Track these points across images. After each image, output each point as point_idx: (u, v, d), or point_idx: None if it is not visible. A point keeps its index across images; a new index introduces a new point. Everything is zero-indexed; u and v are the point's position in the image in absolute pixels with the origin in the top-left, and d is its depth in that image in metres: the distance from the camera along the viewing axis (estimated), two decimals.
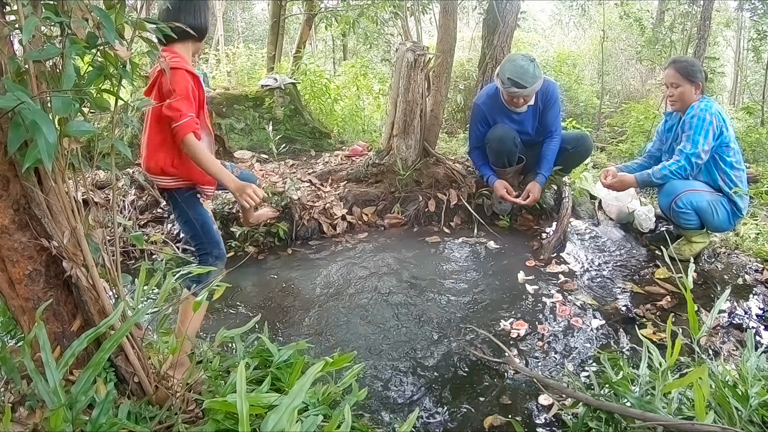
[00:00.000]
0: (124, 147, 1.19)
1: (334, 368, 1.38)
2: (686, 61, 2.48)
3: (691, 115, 2.39)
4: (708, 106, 2.38)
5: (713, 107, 2.38)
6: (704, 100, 2.43)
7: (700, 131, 2.35)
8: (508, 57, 2.80)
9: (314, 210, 3.14)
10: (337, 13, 5.66)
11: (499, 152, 2.92)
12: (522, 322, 2.10)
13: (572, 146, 2.99)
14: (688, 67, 2.43)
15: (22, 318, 1.19)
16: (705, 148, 2.35)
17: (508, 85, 2.68)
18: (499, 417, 1.57)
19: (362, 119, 5.70)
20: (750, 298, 2.27)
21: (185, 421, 1.21)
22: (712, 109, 2.37)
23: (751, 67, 11.33)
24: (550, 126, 2.95)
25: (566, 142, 3.00)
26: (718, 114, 2.37)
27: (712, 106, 2.39)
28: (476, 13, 6.80)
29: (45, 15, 0.98)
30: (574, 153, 3.01)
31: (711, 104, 2.40)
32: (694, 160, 2.37)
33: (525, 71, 2.63)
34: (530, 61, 2.67)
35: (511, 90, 2.68)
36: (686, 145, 2.39)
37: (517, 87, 2.66)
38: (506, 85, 2.68)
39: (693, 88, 2.42)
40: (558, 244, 2.81)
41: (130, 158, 1.59)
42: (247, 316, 2.19)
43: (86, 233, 1.17)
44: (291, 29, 9.78)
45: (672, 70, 2.46)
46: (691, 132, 2.37)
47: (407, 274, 2.56)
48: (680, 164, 2.41)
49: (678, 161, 2.42)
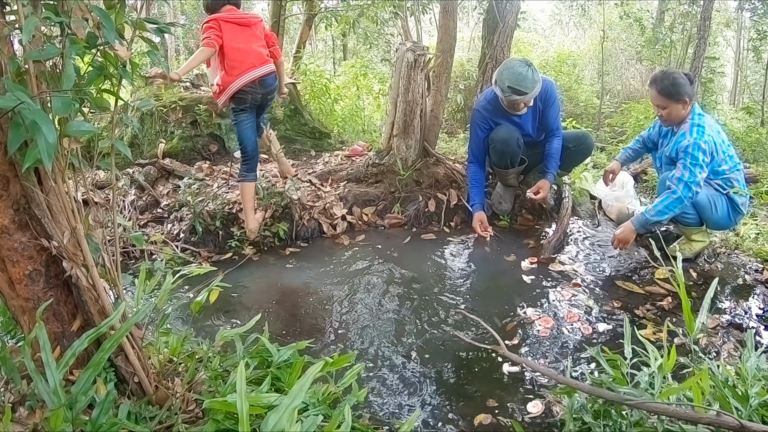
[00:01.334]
0: (124, 147, 1.19)
1: (334, 368, 1.38)
2: (668, 80, 2.33)
3: (684, 146, 2.30)
4: (700, 131, 2.29)
5: (705, 131, 2.30)
6: (694, 117, 2.35)
7: (696, 162, 2.27)
8: (505, 64, 2.77)
9: (314, 210, 3.14)
10: (337, 13, 5.66)
11: (503, 153, 2.92)
12: (521, 322, 2.10)
13: (573, 144, 2.99)
14: (671, 87, 2.32)
15: (22, 318, 1.19)
16: (702, 175, 2.30)
17: (508, 93, 2.66)
18: (491, 416, 1.57)
19: (362, 119, 5.70)
20: (750, 298, 2.27)
21: (185, 421, 1.21)
22: (704, 135, 2.28)
23: (751, 67, 11.32)
24: (550, 125, 2.95)
25: (568, 141, 3.00)
26: (710, 139, 2.29)
27: (704, 130, 2.30)
28: (476, 13, 6.80)
29: (45, 15, 0.98)
30: (575, 151, 3.01)
31: (703, 128, 2.31)
32: (695, 189, 2.30)
33: (524, 77, 2.63)
34: (527, 65, 2.66)
35: (511, 98, 2.67)
36: (684, 173, 2.30)
37: (518, 94, 2.65)
38: (506, 93, 2.67)
39: (680, 106, 2.34)
40: (558, 244, 2.81)
41: (130, 158, 1.59)
42: (247, 316, 2.19)
43: (86, 233, 1.17)
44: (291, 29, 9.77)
45: (655, 92, 2.36)
46: (687, 161, 2.29)
47: (407, 274, 2.57)
48: (676, 195, 2.30)
49: (675, 191, 2.31)
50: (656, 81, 2.37)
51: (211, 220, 2.93)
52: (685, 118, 2.37)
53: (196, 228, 2.89)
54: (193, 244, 2.93)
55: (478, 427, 1.54)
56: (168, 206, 3.18)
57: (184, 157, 4.04)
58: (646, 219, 2.38)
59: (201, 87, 4.81)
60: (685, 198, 2.31)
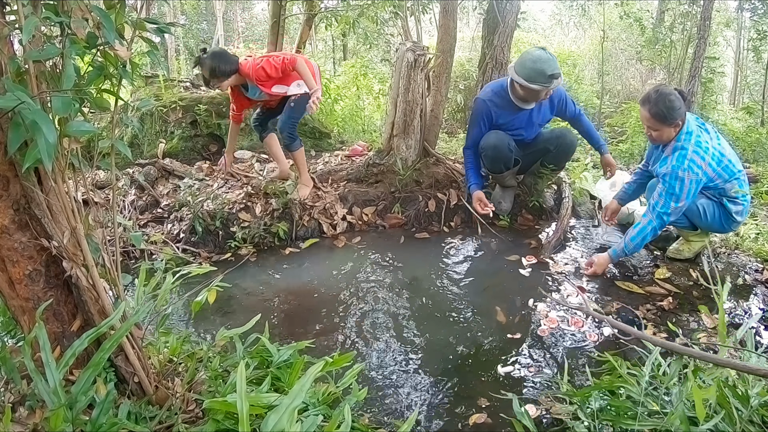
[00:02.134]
0: (124, 147, 1.19)
1: (334, 368, 1.38)
2: (663, 104, 2.22)
3: (663, 174, 2.27)
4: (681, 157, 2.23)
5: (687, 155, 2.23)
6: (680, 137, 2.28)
7: (672, 192, 2.26)
8: (525, 54, 2.69)
9: (314, 210, 3.14)
10: (337, 13, 5.65)
11: (495, 159, 2.91)
12: (523, 321, 2.10)
13: (554, 146, 2.97)
14: (665, 111, 2.22)
15: (22, 318, 1.19)
16: (679, 204, 2.28)
17: (546, 82, 2.61)
18: (488, 416, 1.57)
19: (362, 119, 5.70)
20: (750, 298, 2.27)
21: (185, 421, 1.21)
22: (684, 162, 2.22)
23: (751, 67, 11.32)
24: (573, 114, 3.05)
25: (548, 142, 2.98)
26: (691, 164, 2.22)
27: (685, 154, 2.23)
28: (476, 13, 6.80)
29: (45, 15, 0.98)
30: (557, 152, 2.98)
31: (686, 151, 2.23)
32: (665, 218, 2.31)
33: (552, 60, 2.62)
34: (545, 51, 2.67)
35: (551, 84, 2.64)
36: (659, 201, 2.30)
37: (555, 78, 2.62)
38: (544, 82, 2.61)
39: (672, 128, 2.27)
40: (558, 243, 2.81)
41: (130, 158, 1.60)
42: (247, 316, 2.19)
43: (86, 233, 1.17)
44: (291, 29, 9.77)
45: (648, 113, 2.26)
46: (664, 188, 2.28)
47: (407, 274, 2.57)
48: (651, 226, 2.33)
49: (650, 221, 2.33)
50: (650, 102, 2.25)
51: (211, 220, 2.93)
52: (673, 138, 2.31)
53: (196, 228, 2.89)
54: (193, 244, 2.92)
55: (478, 427, 1.54)
56: (168, 206, 3.18)
57: (184, 157, 4.04)
58: (624, 253, 2.43)
59: (201, 87, 4.81)
60: (658, 228, 2.36)
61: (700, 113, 6.15)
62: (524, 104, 2.85)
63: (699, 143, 2.26)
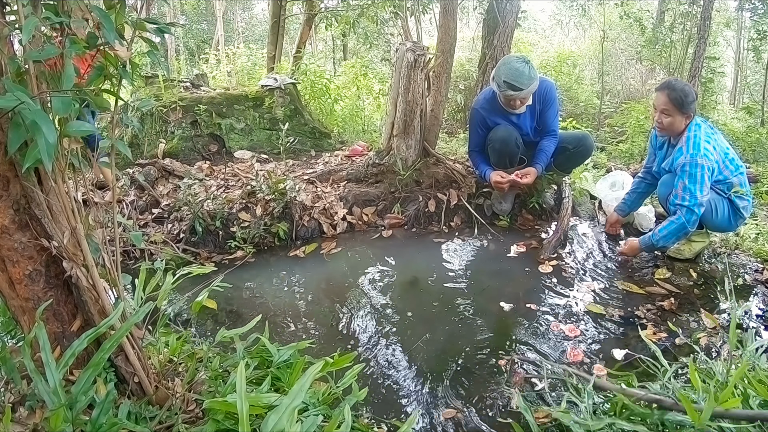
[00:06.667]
0: (124, 147, 1.19)
1: (334, 368, 1.38)
2: (682, 90, 2.28)
3: (682, 164, 2.28)
4: (696, 144, 2.26)
5: (700, 143, 2.27)
6: (691, 129, 2.32)
7: (695, 181, 2.25)
8: (503, 60, 2.80)
9: (314, 210, 3.14)
10: (337, 13, 5.66)
11: (502, 153, 2.92)
12: (523, 320, 2.10)
13: (573, 146, 2.99)
14: (683, 98, 2.27)
15: (22, 318, 1.19)
16: (704, 193, 2.27)
17: (504, 88, 2.69)
18: (489, 416, 1.56)
19: (362, 119, 5.70)
20: (750, 298, 2.27)
21: (185, 421, 1.21)
22: (700, 149, 2.25)
23: (751, 67, 11.33)
24: (548, 126, 2.96)
25: (567, 142, 3.00)
26: (706, 151, 2.26)
27: (699, 142, 2.27)
28: (476, 13, 6.80)
29: (45, 15, 0.98)
30: (575, 152, 3.01)
31: (699, 139, 2.28)
32: (697, 210, 2.28)
33: (520, 73, 2.64)
34: (525, 62, 2.68)
35: (507, 93, 2.69)
36: (685, 196, 2.28)
37: (513, 90, 2.66)
38: (502, 88, 2.69)
39: (684, 119, 2.31)
40: (558, 244, 2.81)
41: (130, 158, 1.60)
42: (248, 316, 2.19)
43: (86, 233, 1.17)
44: (291, 29, 9.78)
45: (665, 97, 2.29)
46: (686, 181, 2.28)
47: (407, 274, 2.57)
48: (682, 221, 2.30)
49: (679, 218, 2.30)
50: (669, 87, 2.30)
51: (211, 220, 2.93)
52: (682, 131, 2.35)
53: (196, 228, 2.89)
54: (193, 244, 2.92)
55: (478, 427, 1.54)
56: (168, 206, 3.18)
57: (184, 157, 4.04)
58: (652, 243, 2.41)
59: (201, 87, 4.82)
60: (689, 224, 2.31)
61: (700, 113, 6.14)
62: (511, 109, 2.87)
63: (708, 134, 2.34)
